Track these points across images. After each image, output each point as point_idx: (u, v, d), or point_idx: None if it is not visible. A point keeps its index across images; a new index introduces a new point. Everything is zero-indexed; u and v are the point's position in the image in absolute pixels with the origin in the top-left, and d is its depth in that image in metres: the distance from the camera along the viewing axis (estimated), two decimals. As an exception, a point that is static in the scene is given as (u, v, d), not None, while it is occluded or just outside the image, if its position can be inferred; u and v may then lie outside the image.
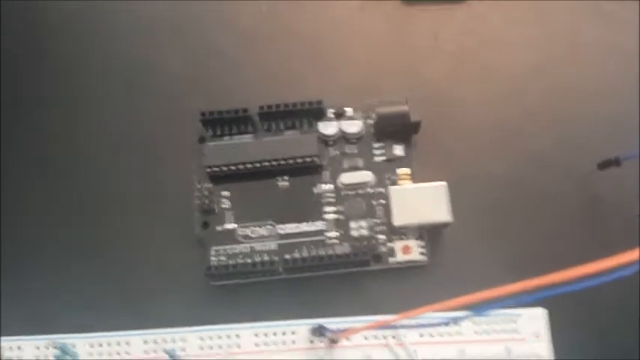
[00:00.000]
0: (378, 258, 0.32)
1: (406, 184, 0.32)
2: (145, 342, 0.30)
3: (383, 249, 0.32)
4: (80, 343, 0.30)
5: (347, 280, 0.32)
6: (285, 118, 0.33)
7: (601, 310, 0.30)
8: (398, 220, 0.31)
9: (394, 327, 0.29)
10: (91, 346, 0.30)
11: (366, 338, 0.30)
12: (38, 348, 0.30)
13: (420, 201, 0.31)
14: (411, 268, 0.32)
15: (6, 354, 0.30)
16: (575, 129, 0.33)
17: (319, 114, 0.33)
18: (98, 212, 0.33)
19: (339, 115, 0.33)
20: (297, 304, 0.31)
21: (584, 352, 0.30)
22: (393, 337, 0.30)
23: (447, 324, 0.28)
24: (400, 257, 0.32)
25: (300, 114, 0.33)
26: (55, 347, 0.29)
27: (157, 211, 0.33)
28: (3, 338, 0.30)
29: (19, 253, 0.32)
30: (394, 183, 0.32)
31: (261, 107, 0.33)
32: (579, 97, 0.34)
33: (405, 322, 0.27)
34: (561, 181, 0.32)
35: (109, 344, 0.30)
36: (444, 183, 0.31)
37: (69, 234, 0.33)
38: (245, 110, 0.33)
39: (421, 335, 0.30)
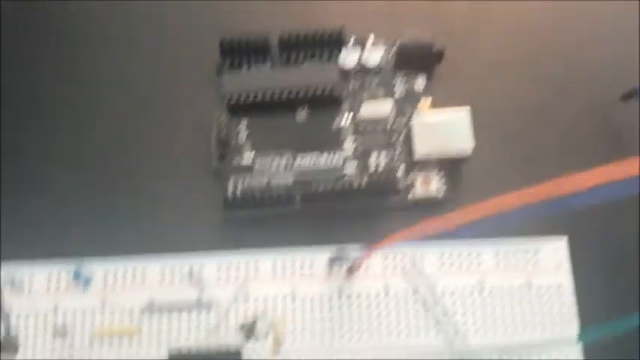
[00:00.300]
0: (397, 191, 0.31)
1: (428, 115, 0.31)
2: (162, 268, 0.30)
3: (402, 182, 0.31)
4: (96, 267, 0.29)
5: (364, 213, 0.31)
6: (305, 48, 0.32)
7: (622, 240, 0.30)
8: (419, 151, 0.30)
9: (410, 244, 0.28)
10: (107, 271, 0.30)
11: (384, 268, 0.29)
12: (51, 272, 0.30)
13: (443, 131, 0.30)
14: (429, 201, 0.31)
15: (18, 277, 0.29)
16: (598, 62, 0.33)
17: (340, 43, 0.32)
18: (117, 141, 0.33)
19: (361, 45, 0.33)
20: (314, 235, 0.31)
21: (604, 282, 0.29)
22: (413, 267, 0.29)
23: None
24: (419, 191, 0.31)
25: (321, 43, 0.32)
26: (71, 269, 0.29)
27: (174, 141, 0.32)
28: (18, 262, 0.30)
29: (37, 176, 0.32)
30: (416, 114, 0.31)
31: (281, 36, 0.32)
32: (604, 29, 0.33)
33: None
34: (583, 112, 0.32)
35: (124, 269, 0.30)
36: (467, 111, 0.30)
37: (89, 161, 0.32)
38: (264, 39, 0.32)
39: (441, 265, 0.29)
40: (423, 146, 0.30)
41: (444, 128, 0.30)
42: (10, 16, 0.34)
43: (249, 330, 0.28)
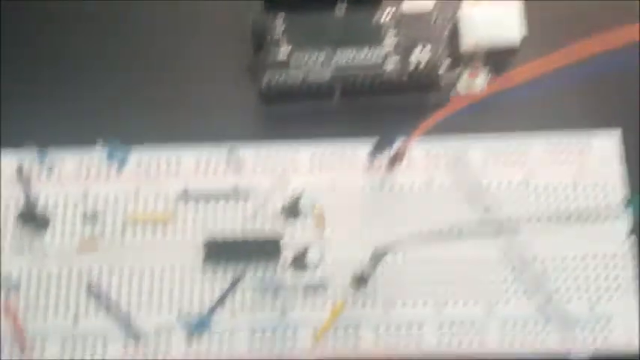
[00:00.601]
0: (439, 87, 0.30)
1: (476, 6, 0.30)
2: (198, 157, 0.29)
3: (446, 77, 0.30)
4: (130, 154, 0.28)
5: (406, 108, 0.30)
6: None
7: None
8: (467, 42, 0.29)
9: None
10: (140, 158, 0.28)
11: (428, 162, 0.28)
12: (83, 157, 0.28)
13: (491, 22, 0.29)
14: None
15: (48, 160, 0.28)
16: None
17: None
18: (154, 32, 0.32)
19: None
20: (354, 129, 0.29)
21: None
22: (457, 161, 0.28)
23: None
24: (463, 86, 0.30)
25: None
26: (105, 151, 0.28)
27: (210, 34, 0.32)
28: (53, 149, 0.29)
29: (74, 62, 0.31)
30: (461, 8, 0.30)
31: None
32: None
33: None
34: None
35: (158, 157, 0.29)
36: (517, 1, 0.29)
37: (127, 53, 0.31)
38: None
39: (486, 159, 0.28)
40: (471, 37, 0.29)
41: (493, 19, 0.29)
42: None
43: (291, 208, 0.27)
